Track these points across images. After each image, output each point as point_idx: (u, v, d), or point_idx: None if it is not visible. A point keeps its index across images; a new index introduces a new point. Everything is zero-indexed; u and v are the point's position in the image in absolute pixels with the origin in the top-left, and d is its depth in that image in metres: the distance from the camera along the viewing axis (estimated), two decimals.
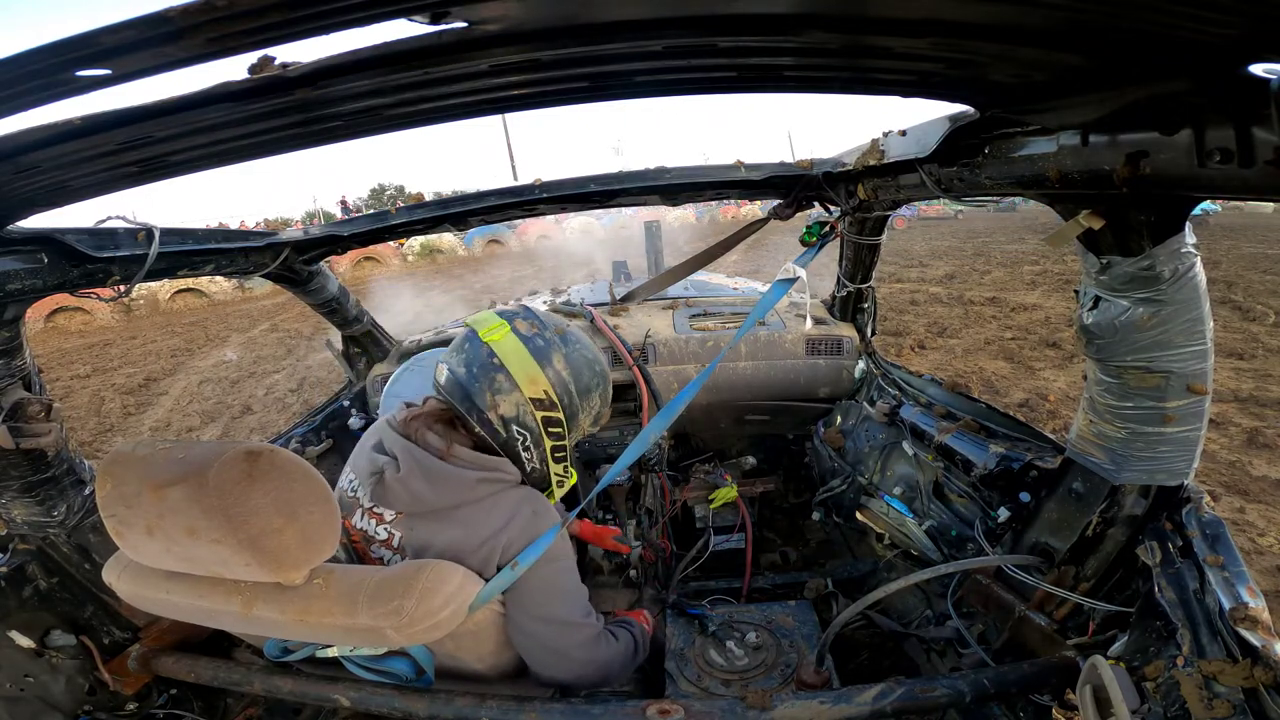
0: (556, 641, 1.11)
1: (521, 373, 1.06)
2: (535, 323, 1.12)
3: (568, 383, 1.11)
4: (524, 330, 1.10)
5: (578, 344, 1.16)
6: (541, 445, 1.11)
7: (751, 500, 2.24)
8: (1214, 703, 0.74)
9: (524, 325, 1.10)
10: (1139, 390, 0.98)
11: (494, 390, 1.06)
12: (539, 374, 1.08)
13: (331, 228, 1.66)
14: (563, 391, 1.10)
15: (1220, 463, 3.52)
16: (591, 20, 0.51)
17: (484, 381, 1.07)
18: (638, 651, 1.28)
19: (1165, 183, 0.67)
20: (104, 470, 0.86)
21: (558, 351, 1.11)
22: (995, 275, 9.84)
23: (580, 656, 1.13)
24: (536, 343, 1.09)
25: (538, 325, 1.12)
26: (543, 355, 1.09)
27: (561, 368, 1.10)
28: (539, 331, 1.11)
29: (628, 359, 2.16)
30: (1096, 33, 0.51)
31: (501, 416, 1.07)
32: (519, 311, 1.14)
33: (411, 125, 0.77)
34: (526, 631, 1.09)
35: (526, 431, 1.09)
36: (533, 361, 1.07)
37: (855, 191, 1.44)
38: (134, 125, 0.61)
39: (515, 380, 1.06)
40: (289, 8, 0.41)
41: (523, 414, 1.08)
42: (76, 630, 1.27)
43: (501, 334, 1.08)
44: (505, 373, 1.06)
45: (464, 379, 1.08)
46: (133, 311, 11.73)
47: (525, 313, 1.14)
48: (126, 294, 1.17)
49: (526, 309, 1.17)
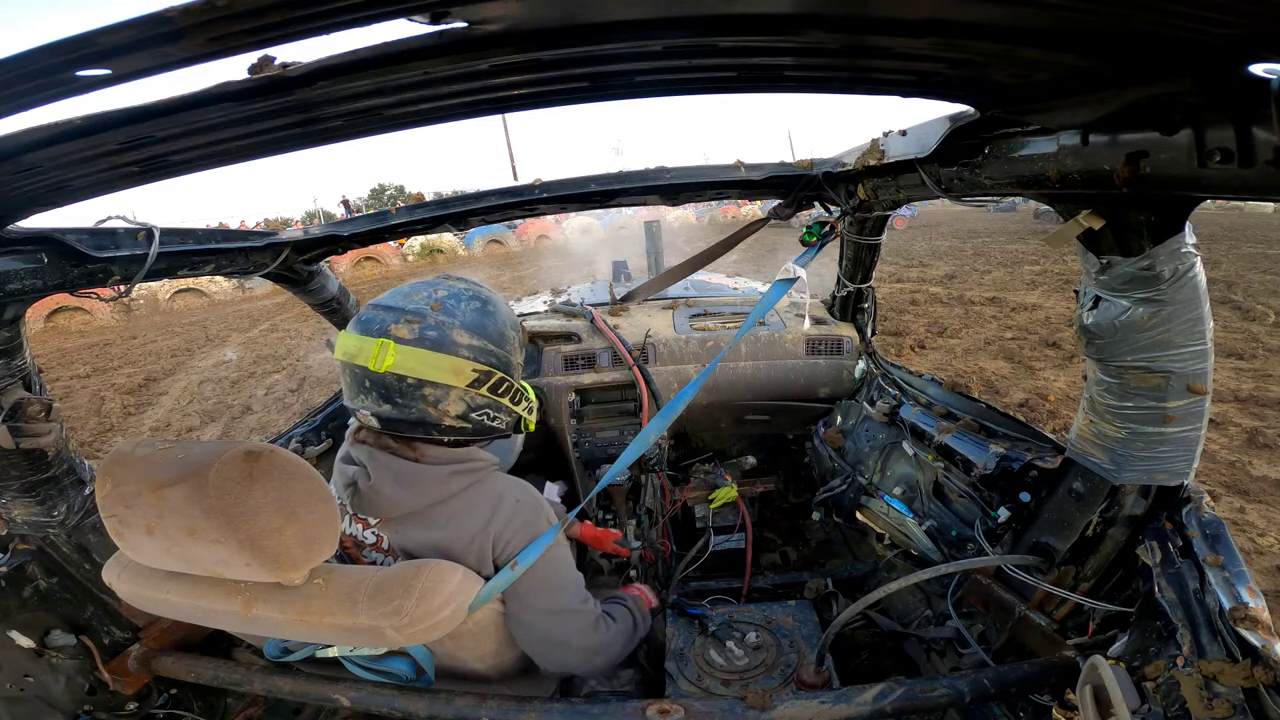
0: (557, 632, 1.10)
1: (440, 373, 0.98)
2: (408, 315, 1.00)
3: (484, 346, 1.03)
4: (407, 334, 0.98)
5: (459, 302, 1.04)
6: (502, 406, 1.08)
7: (751, 500, 2.24)
8: (1214, 703, 0.74)
9: (403, 329, 0.98)
10: (1139, 390, 0.98)
11: (433, 404, 0.99)
12: (457, 362, 0.99)
13: (331, 228, 1.66)
14: (487, 357, 1.03)
15: (1220, 463, 3.52)
16: (591, 20, 0.51)
17: (416, 404, 0.99)
18: (637, 627, 1.27)
19: (1165, 183, 0.67)
20: (104, 470, 0.86)
21: (452, 329, 1.00)
22: (995, 275, 9.84)
23: (581, 644, 1.12)
24: (429, 337, 0.98)
25: (413, 317, 1.00)
26: (443, 344, 0.99)
27: (469, 340, 1.01)
28: (421, 323, 0.99)
29: (628, 359, 2.16)
30: (1096, 33, 0.51)
31: (457, 416, 1.02)
32: (384, 316, 1.00)
33: (411, 125, 0.77)
34: (526, 624, 1.09)
35: (485, 409, 1.05)
36: (440, 355, 0.98)
37: (855, 191, 1.44)
38: (134, 125, 0.62)
39: (441, 383, 0.99)
40: (289, 8, 0.41)
41: (471, 401, 1.03)
42: (76, 630, 1.27)
43: (391, 354, 0.96)
44: (429, 384, 0.98)
45: (397, 415, 0.99)
46: (133, 311, 11.73)
47: (390, 314, 1.00)
48: (126, 294, 1.17)
49: (382, 306, 1.03)
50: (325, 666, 1.10)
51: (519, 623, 1.09)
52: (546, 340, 2.28)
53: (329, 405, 2.28)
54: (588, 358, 2.23)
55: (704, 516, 2.13)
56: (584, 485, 2.10)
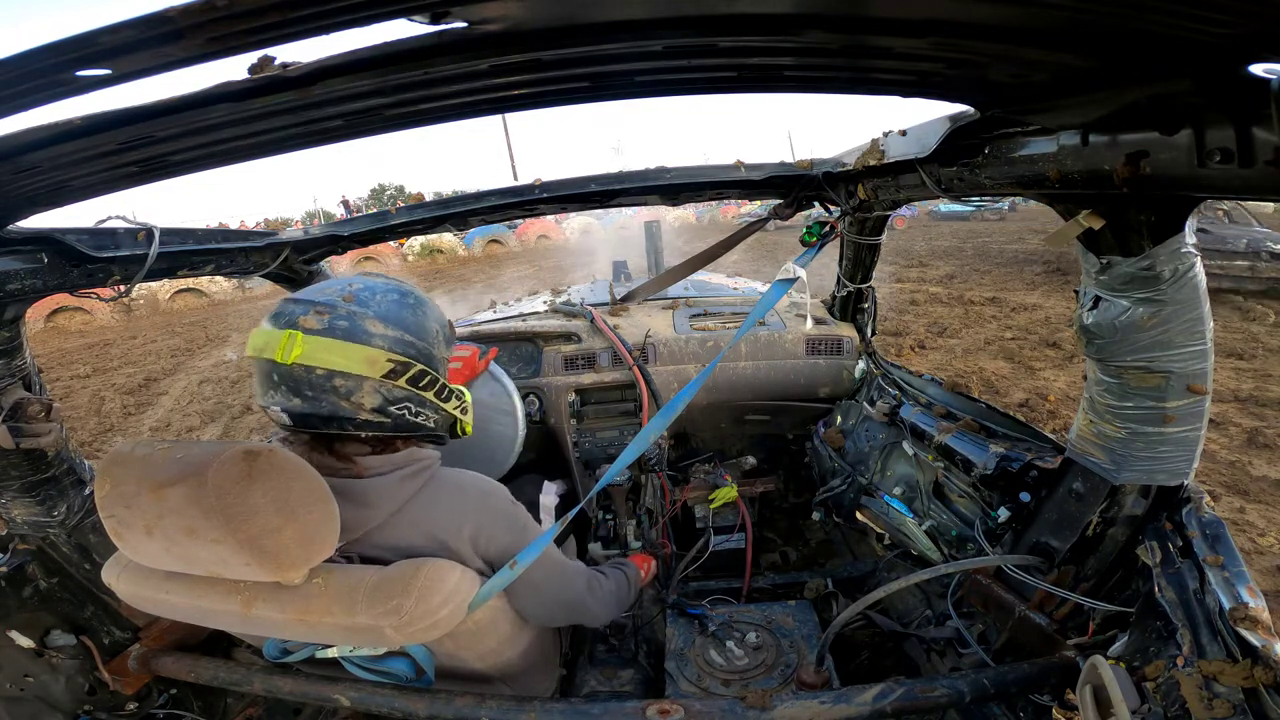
0: (559, 596, 1.18)
1: (353, 363, 0.94)
2: (320, 308, 0.95)
3: (400, 336, 0.99)
4: (316, 325, 0.93)
5: (374, 294, 1.01)
6: (425, 401, 1.03)
7: (751, 500, 2.24)
8: (1214, 703, 0.74)
9: (311, 320, 0.94)
10: (1139, 390, 0.98)
11: (345, 396, 0.94)
12: (370, 351, 0.95)
13: (331, 228, 1.66)
14: (404, 348, 0.99)
15: (1220, 463, 3.52)
16: (591, 20, 0.51)
17: (329, 396, 0.94)
18: (631, 587, 1.40)
19: (1165, 183, 0.67)
20: (103, 470, 0.86)
21: (364, 319, 0.96)
22: (995, 275, 9.85)
23: (579, 602, 1.22)
24: (339, 326, 0.94)
25: (325, 309, 0.95)
26: (355, 333, 0.94)
27: (383, 329, 0.97)
28: (331, 314, 0.95)
29: (628, 359, 2.16)
30: (1096, 33, 0.51)
31: (373, 409, 0.97)
32: (293, 309, 0.96)
33: (411, 125, 0.77)
34: (526, 602, 1.14)
35: (405, 403, 1.00)
36: (353, 345, 0.94)
37: (855, 191, 1.44)
38: (134, 125, 0.62)
39: (353, 373, 0.94)
40: (289, 8, 0.41)
41: (388, 393, 0.98)
42: (76, 630, 1.27)
43: (298, 345, 0.92)
44: (339, 374, 0.93)
45: (308, 409, 0.94)
46: (133, 311, 11.74)
47: (299, 305, 0.96)
48: (126, 294, 1.17)
49: (292, 299, 0.99)
50: (325, 666, 1.10)
51: (515, 593, 1.12)
52: (546, 340, 2.28)
53: None
54: (588, 358, 2.23)
55: (704, 516, 2.13)
56: (584, 485, 2.10)
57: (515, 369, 2.25)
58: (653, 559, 1.61)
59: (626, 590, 1.38)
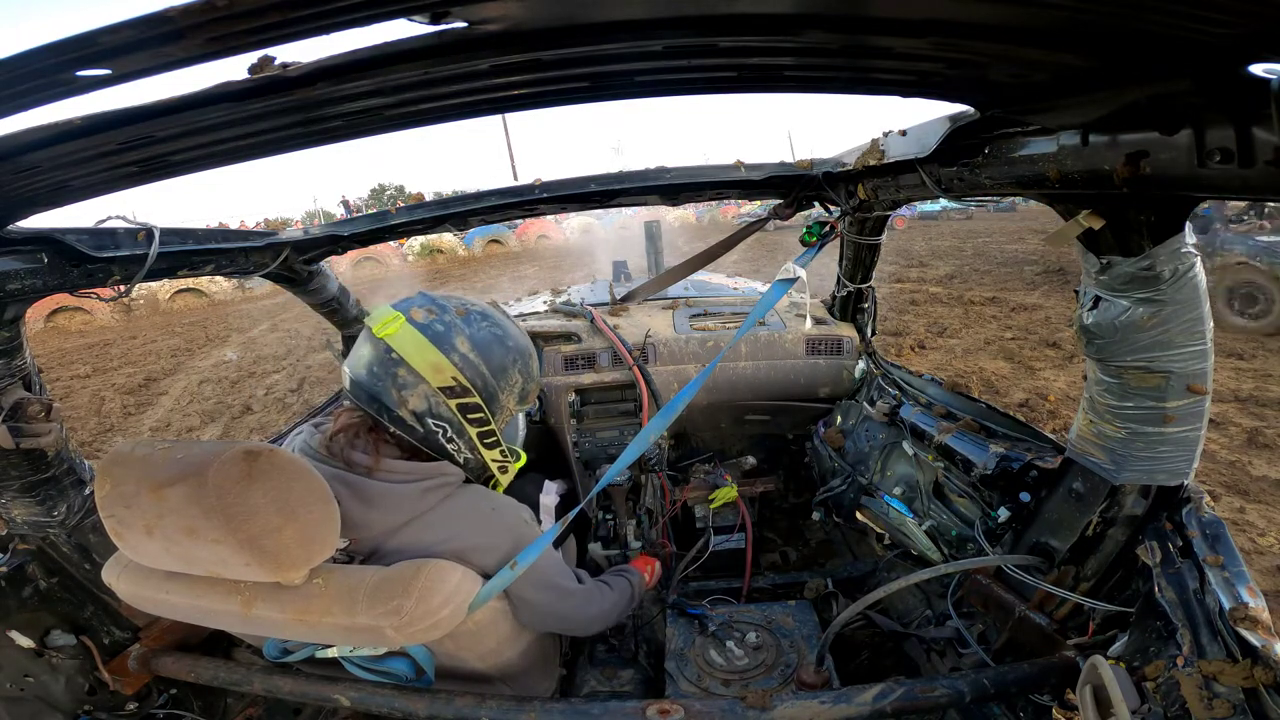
0: (557, 609, 1.17)
1: (423, 363, 0.99)
2: (433, 308, 1.04)
3: (477, 364, 1.03)
4: (420, 318, 1.02)
5: (483, 320, 1.07)
6: (465, 434, 1.05)
7: (751, 500, 2.24)
8: (1214, 703, 0.74)
9: (420, 313, 1.02)
10: (1139, 390, 0.98)
11: (399, 386, 1.00)
12: (442, 361, 1.00)
13: (331, 228, 1.66)
14: (474, 375, 1.03)
15: (1220, 463, 3.52)
16: (591, 20, 0.51)
17: (386, 380, 1.00)
18: (633, 598, 1.41)
19: (1165, 183, 0.67)
20: (103, 470, 0.86)
21: (459, 334, 1.03)
22: (995, 275, 9.84)
23: (580, 616, 1.23)
24: (435, 328, 1.01)
25: (435, 310, 1.04)
26: (443, 341, 1.01)
27: (467, 350, 1.03)
28: (437, 316, 1.03)
29: (628, 359, 2.16)
30: (1096, 33, 0.51)
31: (413, 412, 1.01)
32: (417, 299, 1.06)
33: (411, 125, 0.77)
34: (529, 611, 1.14)
35: (445, 423, 1.03)
36: (433, 349, 1.00)
37: (855, 191, 1.44)
38: (134, 125, 0.61)
39: (418, 372, 0.99)
40: (289, 8, 0.41)
41: (435, 405, 1.01)
42: (76, 630, 1.27)
43: (396, 326, 1.00)
44: (406, 366, 0.99)
45: (366, 381, 1.01)
46: (133, 311, 11.75)
47: (423, 299, 1.06)
48: (126, 294, 1.17)
49: (426, 295, 1.08)
50: (325, 666, 1.10)
51: (522, 602, 1.12)
52: (546, 340, 2.28)
53: (329, 405, 2.28)
54: (588, 358, 2.23)
55: (704, 516, 2.13)
56: (584, 485, 2.11)
57: None
58: (656, 561, 1.61)
59: (628, 600, 1.37)
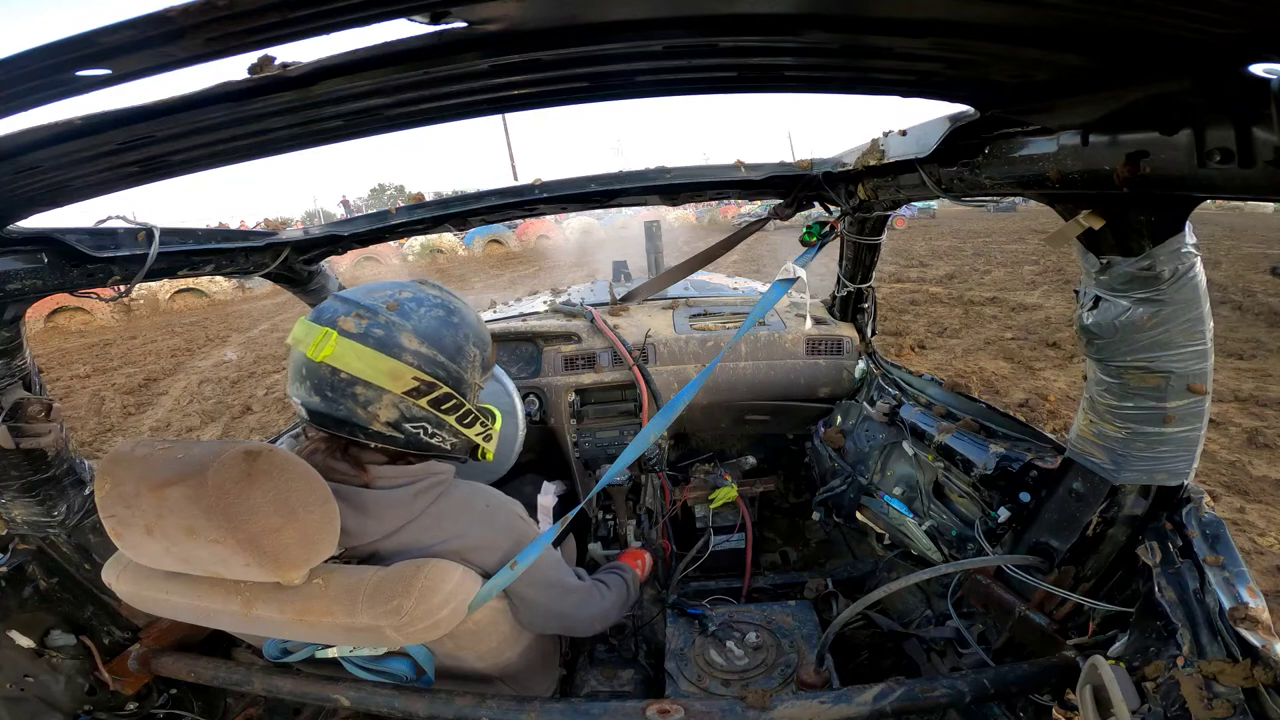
0: (557, 607, 1.16)
1: (378, 374, 0.93)
2: (361, 312, 0.96)
3: (432, 356, 0.98)
4: (353, 328, 0.94)
5: (420, 307, 1.00)
6: (445, 424, 1.02)
7: (751, 500, 2.24)
8: (1214, 703, 0.74)
9: (349, 322, 0.94)
10: (1139, 390, 0.98)
11: (363, 404, 0.94)
12: (397, 366, 0.94)
13: (331, 228, 1.66)
14: (434, 368, 0.98)
15: (1220, 463, 3.52)
16: (591, 20, 0.51)
17: (348, 401, 0.94)
18: (630, 594, 1.39)
19: (1165, 183, 0.67)
20: (103, 470, 0.86)
21: (402, 331, 0.96)
22: (995, 275, 9.84)
23: (582, 615, 1.22)
24: (374, 334, 0.94)
25: (366, 314, 0.96)
26: (388, 344, 0.94)
27: (417, 345, 0.96)
28: (371, 320, 0.95)
29: (628, 359, 2.16)
30: (1096, 33, 0.51)
31: (388, 423, 0.96)
32: (336, 307, 0.97)
33: (411, 125, 0.77)
34: (529, 610, 1.13)
35: (422, 423, 0.99)
36: (383, 356, 0.93)
37: (855, 191, 1.44)
38: (134, 125, 0.62)
39: (376, 385, 0.93)
40: (289, 8, 0.41)
41: (407, 410, 0.97)
42: (76, 630, 1.27)
43: (330, 345, 0.92)
44: (361, 382, 0.93)
45: (325, 408, 0.94)
46: (133, 311, 11.74)
47: (343, 305, 0.97)
48: (126, 294, 1.17)
49: (339, 298, 1.00)
50: (325, 666, 1.10)
51: (521, 599, 1.11)
52: (546, 340, 2.28)
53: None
54: (588, 358, 2.23)
55: (704, 516, 2.13)
56: (584, 485, 2.11)
57: (515, 369, 2.25)
58: (646, 553, 1.60)
59: (626, 597, 1.37)
